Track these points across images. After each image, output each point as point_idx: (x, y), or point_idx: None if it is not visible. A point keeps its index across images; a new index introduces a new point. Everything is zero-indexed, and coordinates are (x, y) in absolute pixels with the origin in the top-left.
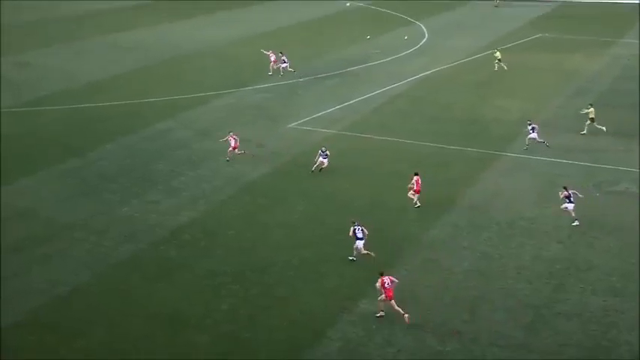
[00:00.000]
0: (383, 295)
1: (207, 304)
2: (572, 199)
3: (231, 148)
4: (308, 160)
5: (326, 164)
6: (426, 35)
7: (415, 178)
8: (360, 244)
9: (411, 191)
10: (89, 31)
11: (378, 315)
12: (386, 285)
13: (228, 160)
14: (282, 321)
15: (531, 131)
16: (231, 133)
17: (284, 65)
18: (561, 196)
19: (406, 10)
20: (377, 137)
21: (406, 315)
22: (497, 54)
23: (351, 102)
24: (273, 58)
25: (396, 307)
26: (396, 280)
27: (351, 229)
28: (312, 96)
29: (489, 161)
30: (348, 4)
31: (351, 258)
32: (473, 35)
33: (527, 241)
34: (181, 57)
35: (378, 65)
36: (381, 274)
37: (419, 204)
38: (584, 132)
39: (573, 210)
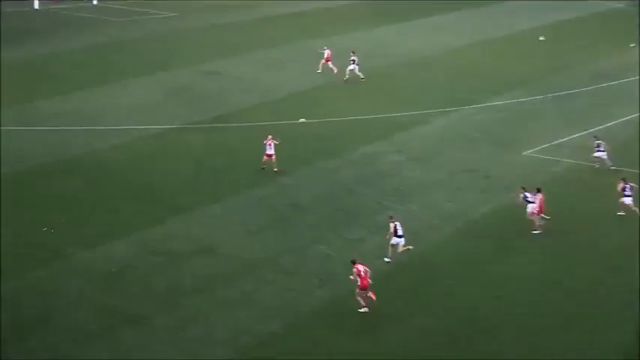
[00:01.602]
0: (358, 285)
1: None
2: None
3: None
4: (550, 197)
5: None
6: None
7: None
8: (400, 242)
9: None
10: (286, 35)
11: (361, 310)
12: (362, 273)
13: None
14: None
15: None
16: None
17: (351, 67)
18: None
19: None
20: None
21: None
22: None
23: (608, 125)
24: (327, 53)
25: (369, 293)
26: (369, 271)
27: (391, 225)
28: (554, 117)
29: None
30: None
31: (387, 260)
32: None
33: None
34: (393, 66)
35: None
36: (354, 262)
37: None
38: None
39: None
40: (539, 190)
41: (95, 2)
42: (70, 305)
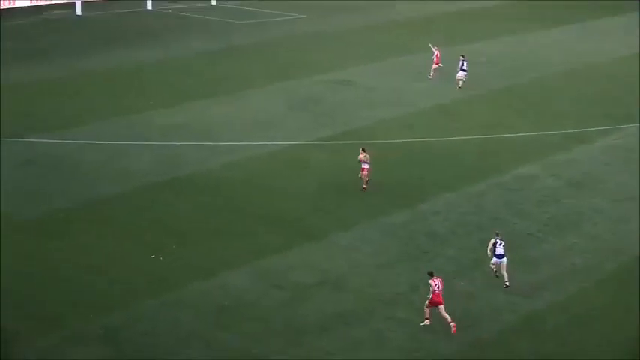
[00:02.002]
0: (429, 298)
1: None
2: None
3: None
4: None
5: None
6: None
7: None
8: (502, 262)
9: None
10: (424, 40)
11: (422, 323)
12: (435, 288)
13: None
14: None
15: None
16: None
17: (461, 74)
18: None
19: None
20: None
21: (452, 323)
22: None
23: None
24: (436, 54)
25: (444, 314)
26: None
27: (491, 241)
28: None
29: None
30: None
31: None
32: None
33: None
34: (548, 76)
35: None
36: (431, 274)
37: None
38: None
39: None
40: None
41: (214, 2)
42: (180, 341)
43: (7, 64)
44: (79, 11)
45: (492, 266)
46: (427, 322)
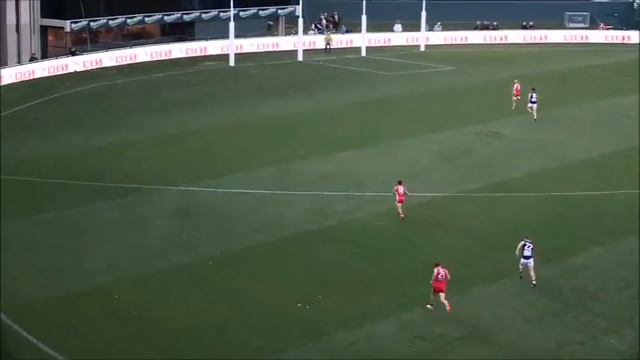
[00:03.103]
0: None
1: None
2: None
3: None
4: None
5: None
6: None
7: None
8: (528, 263)
9: None
10: (586, 92)
11: (427, 306)
12: (439, 277)
13: None
14: None
15: None
16: None
17: (530, 105)
18: None
19: None
20: None
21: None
22: None
23: None
24: (516, 87)
25: (443, 300)
26: (449, 277)
27: (520, 243)
28: None
29: None
30: None
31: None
32: None
33: None
34: None
35: None
36: (437, 265)
37: None
38: None
39: None
40: None
41: (364, 54)
42: None
43: (164, 113)
44: (232, 62)
45: (520, 267)
46: (430, 306)
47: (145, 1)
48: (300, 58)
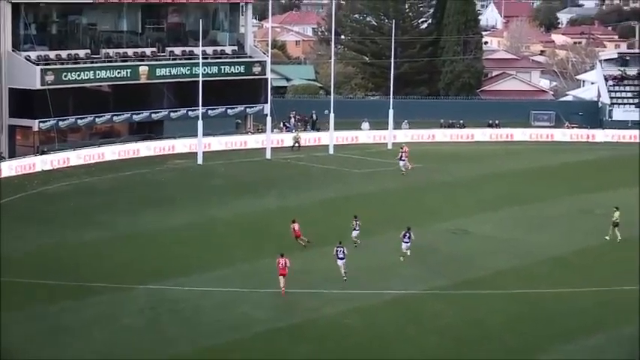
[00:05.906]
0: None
1: None
2: None
3: None
4: None
5: None
6: None
7: None
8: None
9: None
10: (553, 189)
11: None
12: (280, 265)
13: None
14: None
15: None
16: None
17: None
18: None
19: None
20: None
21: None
22: None
23: None
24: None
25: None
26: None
27: (334, 249)
28: None
29: None
30: None
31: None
32: None
33: None
34: None
35: None
36: (282, 255)
37: None
38: None
39: None
40: None
41: (331, 152)
42: None
43: (132, 211)
44: (200, 161)
45: None
46: (282, 289)
47: (114, 100)
48: (268, 155)
